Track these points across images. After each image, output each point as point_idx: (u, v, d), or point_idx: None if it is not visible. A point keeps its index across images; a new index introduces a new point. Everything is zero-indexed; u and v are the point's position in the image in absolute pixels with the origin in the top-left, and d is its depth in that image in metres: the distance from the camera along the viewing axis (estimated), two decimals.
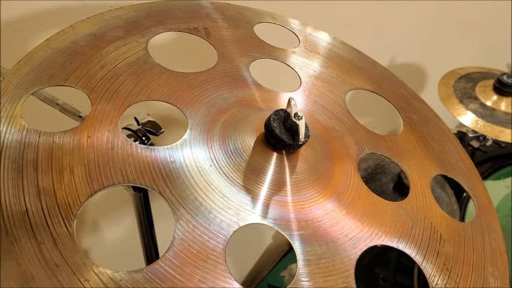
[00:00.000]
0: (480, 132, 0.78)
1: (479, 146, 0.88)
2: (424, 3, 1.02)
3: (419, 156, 0.48)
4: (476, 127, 0.78)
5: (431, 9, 1.09)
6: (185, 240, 0.34)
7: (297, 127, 0.37)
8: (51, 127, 0.37)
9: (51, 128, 0.37)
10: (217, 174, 0.38)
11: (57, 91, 0.48)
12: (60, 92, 0.48)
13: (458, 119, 0.79)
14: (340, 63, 0.54)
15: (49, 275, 0.30)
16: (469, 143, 0.89)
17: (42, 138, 0.36)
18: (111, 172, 0.35)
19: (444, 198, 0.68)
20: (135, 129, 0.50)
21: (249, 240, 1.04)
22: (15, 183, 0.33)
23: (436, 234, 0.41)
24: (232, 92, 0.44)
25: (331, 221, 0.38)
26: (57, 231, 0.32)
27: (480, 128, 0.78)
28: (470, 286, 0.40)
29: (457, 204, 0.67)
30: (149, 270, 0.32)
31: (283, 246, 1.08)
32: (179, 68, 0.45)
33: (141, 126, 0.51)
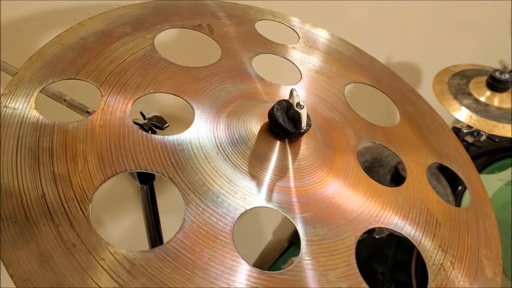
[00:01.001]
0: (474, 126, 0.80)
1: (473, 141, 0.90)
2: (422, 3, 1.05)
3: (415, 146, 0.50)
4: (471, 122, 0.80)
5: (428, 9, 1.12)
6: (195, 222, 0.36)
7: (299, 116, 0.39)
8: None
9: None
10: (224, 161, 0.40)
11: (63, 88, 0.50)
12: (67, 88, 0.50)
13: (453, 115, 0.81)
14: (339, 59, 0.56)
15: (67, 254, 0.32)
16: (463, 139, 0.91)
17: (57, 128, 0.38)
18: (123, 159, 0.37)
19: (439, 189, 0.70)
20: (142, 123, 0.52)
21: (248, 237, 1.06)
22: (32, 170, 0.35)
23: (432, 218, 0.43)
24: (235, 85, 0.46)
25: (332, 204, 0.40)
26: (73, 214, 0.34)
27: (474, 123, 0.80)
28: (465, 266, 0.42)
29: (452, 196, 0.69)
30: (161, 250, 0.34)
31: (282, 242, 1.09)
32: (184, 62, 0.47)
33: (147, 120, 0.53)
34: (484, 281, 0.42)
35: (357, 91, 0.54)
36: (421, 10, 1.12)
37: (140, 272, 0.32)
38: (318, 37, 0.58)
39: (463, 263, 0.42)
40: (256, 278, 0.34)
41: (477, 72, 0.89)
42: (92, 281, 0.31)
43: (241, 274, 0.34)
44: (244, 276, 0.34)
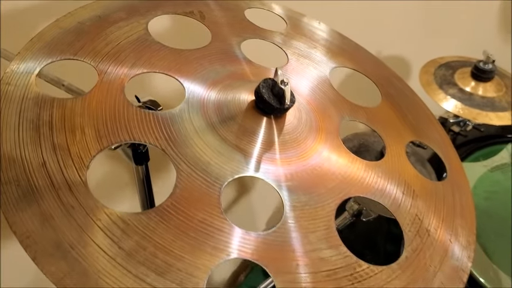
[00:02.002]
0: (459, 114, 0.83)
1: (459, 130, 0.93)
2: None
3: (395, 124, 0.52)
4: (455, 110, 0.83)
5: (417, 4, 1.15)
6: (185, 188, 0.38)
7: (283, 92, 0.42)
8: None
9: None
10: (213, 135, 0.42)
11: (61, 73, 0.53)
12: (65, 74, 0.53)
13: (439, 104, 0.84)
14: (325, 44, 0.59)
15: (66, 215, 0.34)
16: (450, 128, 0.94)
17: (56, 103, 0.40)
18: (118, 131, 0.40)
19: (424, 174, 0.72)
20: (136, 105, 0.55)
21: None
22: (33, 140, 0.38)
23: (409, 190, 0.46)
24: (225, 67, 0.49)
25: (313, 174, 0.43)
26: (72, 179, 0.36)
27: (459, 111, 0.83)
28: (440, 234, 0.44)
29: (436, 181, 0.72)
30: (154, 212, 0.36)
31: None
32: (176, 46, 0.49)
33: (142, 103, 0.56)
34: (458, 248, 0.45)
35: (341, 75, 0.56)
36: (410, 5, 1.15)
37: (134, 231, 0.35)
38: (306, 25, 0.61)
39: (438, 230, 0.45)
40: (244, 238, 0.37)
41: (462, 63, 0.93)
42: (89, 238, 0.34)
43: (229, 235, 0.37)
44: (232, 237, 0.37)
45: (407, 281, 0.40)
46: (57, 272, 0.32)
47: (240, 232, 0.37)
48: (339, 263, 0.38)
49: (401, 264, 0.41)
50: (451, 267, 0.43)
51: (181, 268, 0.34)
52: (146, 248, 0.34)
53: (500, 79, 0.89)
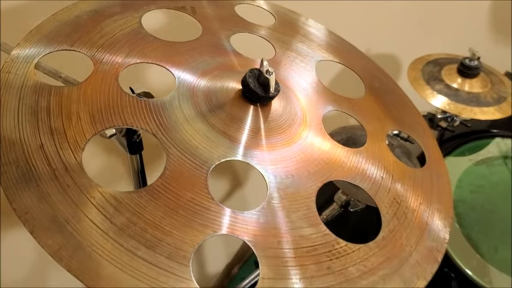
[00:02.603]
0: (445, 109, 0.86)
1: (447, 126, 0.96)
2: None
3: (378, 114, 0.55)
4: (442, 105, 0.86)
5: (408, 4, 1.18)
6: (175, 170, 0.41)
7: (268, 81, 0.45)
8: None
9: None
10: (202, 122, 0.45)
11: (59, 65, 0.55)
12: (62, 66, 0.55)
13: (426, 99, 0.87)
14: (311, 38, 0.61)
15: (62, 193, 0.37)
16: (438, 124, 0.97)
17: (53, 91, 0.43)
18: (112, 116, 0.42)
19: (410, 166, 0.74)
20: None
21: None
22: (32, 124, 0.40)
23: (388, 175, 0.49)
24: (214, 59, 0.51)
25: (297, 159, 0.45)
26: (68, 160, 0.39)
27: (445, 106, 0.86)
28: (417, 216, 0.47)
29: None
30: (145, 191, 0.39)
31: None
32: (169, 39, 0.52)
33: (136, 95, 0.58)
34: (434, 230, 0.47)
35: (326, 69, 0.59)
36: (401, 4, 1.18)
37: (125, 208, 0.37)
38: (294, 20, 0.63)
39: (415, 213, 0.47)
40: (230, 217, 0.39)
41: (449, 60, 0.95)
42: (83, 214, 0.36)
43: (216, 213, 0.39)
44: (218, 215, 0.39)
45: (384, 259, 0.42)
46: (54, 244, 0.34)
47: (226, 211, 0.40)
48: (318, 241, 0.41)
49: (378, 243, 0.43)
50: (426, 248, 0.45)
51: (170, 242, 0.37)
52: (137, 224, 0.37)
53: (486, 75, 0.92)
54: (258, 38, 0.57)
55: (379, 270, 0.41)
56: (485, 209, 0.83)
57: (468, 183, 0.86)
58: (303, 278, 0.38)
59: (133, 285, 0.34)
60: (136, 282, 0.35)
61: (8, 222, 0.83)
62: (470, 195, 0.85)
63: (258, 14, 0.61)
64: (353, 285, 0.39)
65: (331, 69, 0.59)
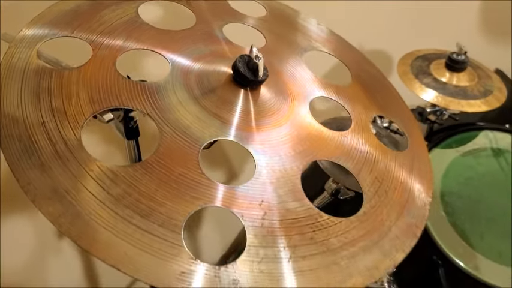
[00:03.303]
0: (433, 102, 0.89)
1: (435, 119, 0.99)
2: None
3: (363, 101, 0.58)
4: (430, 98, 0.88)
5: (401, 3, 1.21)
6: (168, 147, 0.43)
7: (257, 66, 0.47)
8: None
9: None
10: (195, 104, 0.47)
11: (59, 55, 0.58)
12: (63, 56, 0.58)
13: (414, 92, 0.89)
14: (301, 30, 0.64)
15: (62, 166, 0.39)
16: (427, 117, 1.00)
17: (54, 73, 0.46)
18: (109, 97, 0.45)
19: None
20: None
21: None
22: (34, 104, 0.43)
23: (371, 156, 0.51)
24: (207, 46, 0.54)
25: (284, 140, 0.48)
26: (68, 136, 0.41)
27: (433, 99, 0.89)
28: (395, 194, 0.50)
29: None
30: (140, 165, 0.41)
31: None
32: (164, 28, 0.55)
33: None
34: (414, 208, 0.50)
35: (315, 58, 0.62)
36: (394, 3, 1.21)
37: (121, 181, 0.40)
38: (284, 12, 0.66)
39: (396, 192, 0.50)
40: (219, 190, 0.42)
41: (438, 55, 0.98)
42: (82, 185, 0.39)
43: (206, 187, 0.42)
44: (209, 188, 0.42)
45: (364, 232, 0.45)
46: (54, 212, 0.37)
47: (216, 185, 0.42)
48: (302, 214, 0.43)
49: (359, 217, 0.46)
50: (406, 223, 0.48)
51: (163, 212, 0.39)
52: (132, 195, 0.40)
53: (473, 70, 0.95)
54: (249, 28, 0.60)
55: (360, 242, 0.44)
56: (471, 199, 0.86)
57: (455, 174, 0.88)
58: (287, 246, 0.41)
59: (128, 249, 0.37)
60: (130, 247, 0.37)
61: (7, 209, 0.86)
62: (457, 185, 0.87)
63: (250, 6, 0.64)
64: (334, 255, 0.42)
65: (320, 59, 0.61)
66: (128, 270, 0.36)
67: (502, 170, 0.91)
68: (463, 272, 0.78)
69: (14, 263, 0.93)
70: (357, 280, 0.41)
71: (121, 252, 0.37)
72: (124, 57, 0.50)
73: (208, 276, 0.38)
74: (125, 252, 0.37)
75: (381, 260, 0.44)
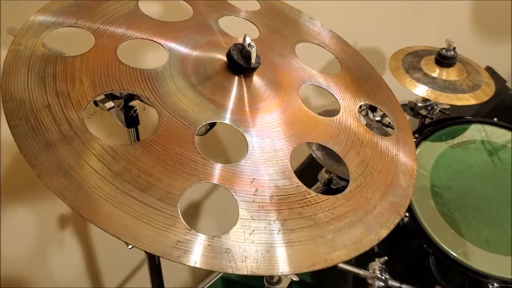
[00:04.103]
0: (423, 96, 0.92)
1: (426, 113, 1.02)
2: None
3: (351, 89, 0.61)
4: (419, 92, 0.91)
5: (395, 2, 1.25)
6: (166, 129, 0.46)
7: (249, 54, 0.50)
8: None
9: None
10: (191, 90, 0.50)
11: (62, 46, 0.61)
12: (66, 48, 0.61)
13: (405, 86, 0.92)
14: (294, 23, 0.67)
15: (66, 144, 0.42)
16: (418, 112, 1.03)
17: (59, 60, 0.48)
18: (110, 82, 0.48)
19: None
20: None
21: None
22: (40, 87, 0.46)
23: (358, 140, 0.54)
24: (203, 36, 0.57)
25: (275, 124, 0.51)
26: (71, 117, 0.44)
27: (423, 93, 0.92)
28: (383, 176, 0.52)
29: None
30: (139, 144, 0.44)
31: None
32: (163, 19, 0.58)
33: None
34: (398, 189, 0.53)
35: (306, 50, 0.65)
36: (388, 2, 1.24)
37: (121, 158, 0.43)
38: (278, 7, 0.69)
39: (381, 173, 0.53)
40: (213, 168, 0.45)
41: (429, 52, 1.01)
42: (85, 161, 0.42)
43: (201, 165, 0.45)
44: (204, 166, 0.45)
45: (350, 209, 0.48)
46: (58, 185, 0.40)
47: (211, 163, 0.45)
48: (291, 191, 0.46)
49: (346, 195, 0.49)
50: (390, 202, 0.51)
51: (160, 187, 0.42)
52: (131, 171, 0.42)
53: (462, 66, 0.98)
54: (243, 20, 0.63)
55: (345, 217, 0.47)
56: (460, 189, 0.88)
57: (445, 165, 0.91)
58: (276, 220, 0.44)
59: (128, 220, 0.40)
60: (130, 218, 0.40)
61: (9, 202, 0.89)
62: (446, 175, 0.90)
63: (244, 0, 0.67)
64: (321, 229, 0.45)
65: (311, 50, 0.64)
66: (128, 239, 0.39)
67: (490, 161, 0.94)
68: (451, 259, 0.81)
69: (15, 254, 0.95)
70: (342, 252, 0.44)
71: (121, 222, 0.40)
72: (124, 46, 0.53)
73: (202, 245, 0.40)
74: (124, 223, 0.40)
75: (365, 234, 0.47)
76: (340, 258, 0.44)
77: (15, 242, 0.94)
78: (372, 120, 0.89)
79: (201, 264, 0.40)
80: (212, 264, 0.40)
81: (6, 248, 0.92)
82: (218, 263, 0.40)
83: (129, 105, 0.62)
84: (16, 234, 0.92)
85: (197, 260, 0.40)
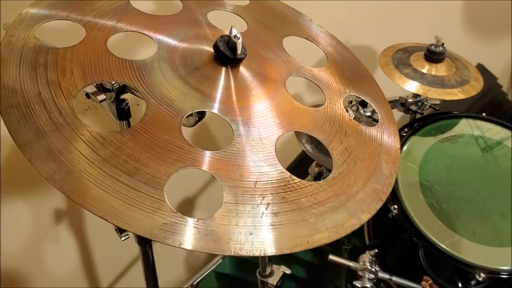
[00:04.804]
0: (411, 91, 0.94)
1: (417, 109, 1.03)
2: None
3: (337, 81, 0.62)
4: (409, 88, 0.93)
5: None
6: (153, 117, 0.48)
7: (235, 45, 0.52)
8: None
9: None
10: (179, 80, 0.52)
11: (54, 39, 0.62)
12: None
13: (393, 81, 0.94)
14: (283, 18, 0.69)
15: (56, 130, 0.44)
16: (409, 108, 1.04)
17: (50, 51, 0.50)
18: (100, 72, 0.49)
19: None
20: None
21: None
22: (32, 77, 0.47)
23: (342, 129, 0.56)
24: (191, 29, 0.59)
25: (261, 113, 0.53)
26: (62, 105, 0.46)
27: (412, 88, 0.93)
28: (366, 164, 0.54)
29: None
30: (127, 131, 0.46)
31: None
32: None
33: None
34: (381, 176, 0.54)
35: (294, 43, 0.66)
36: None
37: (110, 144, 0.44)
38: (266, 2, 0.71)
39: (364, 161, 0.54)
40: (199, 155, 0.46)
41: (419, 48, 1.03)
42: (74, 147, 0.43)
43: (187, 151, 0.46)
44: (189, 153, 0.46)
45: (332, 194, 0.49)
46: (48, 169, 0.41)
47: (197, 150, 0.47)
48: (275, 177, 0.48)
49: (328, 181, 0.50)
50: (372, 189, 0.52)
51: (147, 172, 0.44)
52: (119, 156, 0.44)
53: (451, 61, 0.99)
54: (232, 15, 0.64)
55: (328, 202, 0.48)
56: (448, 182, 0.90)
57: (434, 159, 0.93)
58: (260, 204, 0.45)
59: (116, 203, 0.41)
60: (118, 201, 0.41)
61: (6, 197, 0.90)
62: (435, 169, 0.91)
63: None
64: (304, 213, 0.46)
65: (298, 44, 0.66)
66: (115, 221, 0.41)
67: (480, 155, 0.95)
68: (439, 250, 0.82)
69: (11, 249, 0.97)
70: (323, 235, 0.46)
71: (109, 205, 0.41)
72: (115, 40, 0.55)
73: (188, 227, 0.42)
74: (112, 206, 0.41)
75: (347, 218, 0.48)
76: (322, 240, 0.46)
77: (11, 237, 0.95)
78: (362, 115, 0.90)
79: (186, 245, 0.41)
80: (197, 246, 0.41)
81: (4, 243, 0.93)
82: (202, 244, 0.42)
83: (120, 98, 0.64)
84: (11, 229, 0.93)
85: (182, 241, 0.41)
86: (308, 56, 0.66)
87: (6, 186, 0.88)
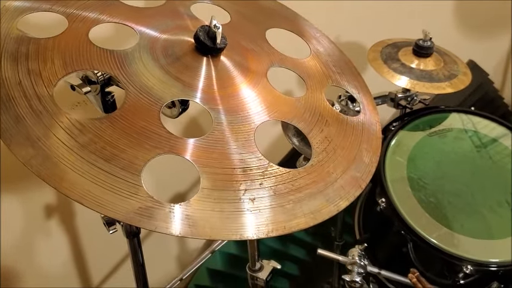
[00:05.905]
0: (400, 85, 0.94)
1: (406, 104, 1.04)
2: None
3: (319, 72, 0.63)
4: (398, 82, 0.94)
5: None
6: (132, 104, 0.48)
7: (215, 34, 0.52)
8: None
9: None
10: (159, 69, 0.52)
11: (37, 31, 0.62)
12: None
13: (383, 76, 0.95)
14: (268, 11, 0.70)
15: (35, 117, 0.44)
16: (398, 103, 1.05)
17: (32, 41, 0.51)
18: (81, 62, 0.50)
19: None
20: None
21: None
22: (12, 66, 0.48)
23: (322, 119, 0.56)
24: (173, 21, 0.59)
25: (241, 102, 0.53)
26: (41, 93, 0.46)
27: (401, 83, 0.94)
28: (346, 152, 0.54)
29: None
30: (105, 118, 0.46)
31: None
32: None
33: None
34: (361, 164, 0.55)
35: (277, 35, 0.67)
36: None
37: (88, 131, 0.45)
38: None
39: (344, 150, 0.55)
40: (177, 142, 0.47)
41: (407, 43, 1.03)
42: (52, 133, 0.44)
43: (165, 138, 0.47)
44: (167, 140, 0.47)
45: (310, 181, 0.50)
46: (26, 155, 0.42)
47: (174, 137, 0.47)
48: (254, 163, 0.48)
49: (307, 169, 0.51)
50: (351, 177, 0.53)
51: (124, 158, 0.44)
52: (97, 143, 0.44)
53: (439, 56, 1.00)
54: (215, 7, 0.65)
55: (306, 189, 0.49)
56: (437, 175, 0.90)
57: (422, 152, 0.93)
58: (237, 190, 0.46)
59: (92, 188, 0.42)
60: (94, 186, 0.42)
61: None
62: (423, 162, 0.92)
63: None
64: (281, 199, 0.47)
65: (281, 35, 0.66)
66: (91, 205, 0.41)
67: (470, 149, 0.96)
68: (427, 243, 0.83)
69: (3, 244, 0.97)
70: (300, 220, 0.46)
71: (85, 189, 0.42)
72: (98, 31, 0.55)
73: (163, 211, 0.42)
74: (88, 190, 0.42)
75: (325, 205, 0.49)
76: (299, 226, 0.46)
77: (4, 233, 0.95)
78: (350, 109, 0.90)
79: (161, 229, 0.41)
80: (172, 229, 0.42)
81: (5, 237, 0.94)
82: (179, 227, 0.42)
83: (105, 90, 0.65)
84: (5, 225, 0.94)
85: (157, 225, 0.41)
86: (291, 47, 0.67)
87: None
